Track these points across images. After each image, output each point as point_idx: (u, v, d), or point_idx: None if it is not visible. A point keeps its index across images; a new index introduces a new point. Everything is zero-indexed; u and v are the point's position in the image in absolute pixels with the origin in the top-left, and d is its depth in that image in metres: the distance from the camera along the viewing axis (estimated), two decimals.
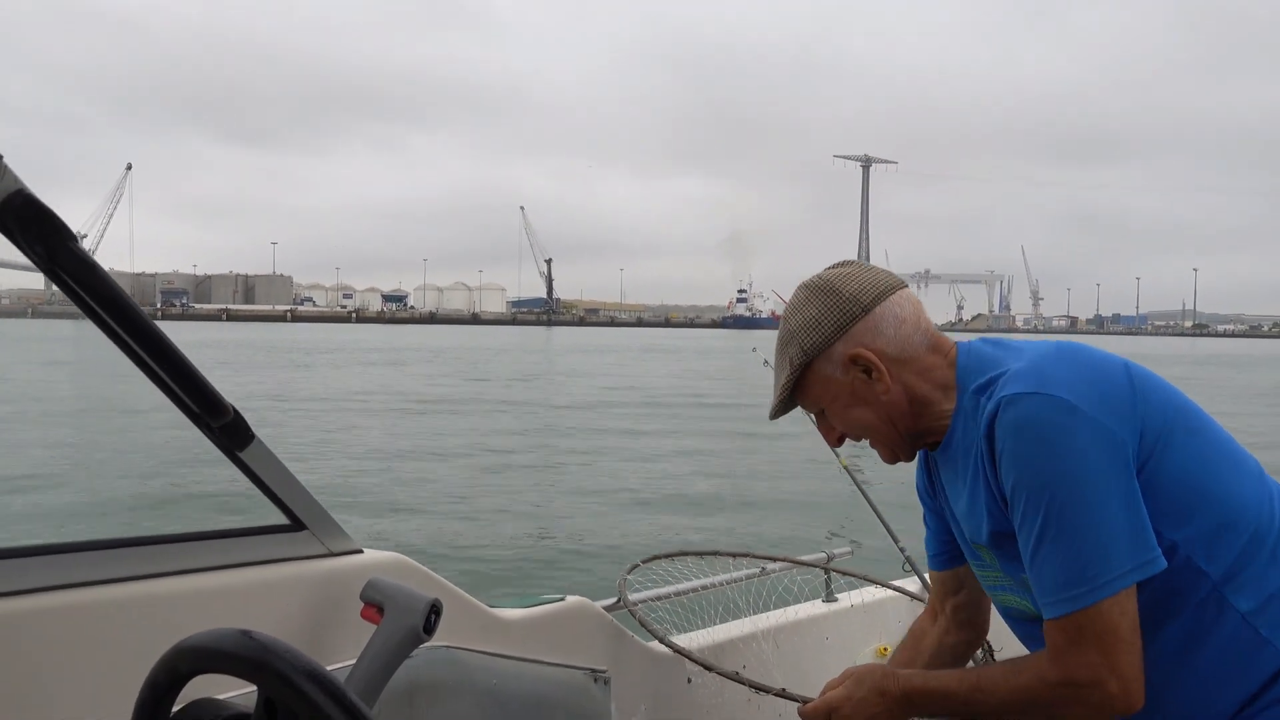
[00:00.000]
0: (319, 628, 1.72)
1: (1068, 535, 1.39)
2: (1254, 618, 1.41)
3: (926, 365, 1.60)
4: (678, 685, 2.52)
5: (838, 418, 1.66)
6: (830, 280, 1.63)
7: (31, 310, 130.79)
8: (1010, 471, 1.44)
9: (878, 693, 1.62)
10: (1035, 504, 1.41)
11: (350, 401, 24.37)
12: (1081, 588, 1.38)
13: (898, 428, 1.62)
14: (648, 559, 2.54)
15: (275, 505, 1.68)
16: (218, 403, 1.47)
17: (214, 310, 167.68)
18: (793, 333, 1.63)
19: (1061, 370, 1.46)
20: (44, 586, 1.42)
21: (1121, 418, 1.41)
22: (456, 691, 1.90)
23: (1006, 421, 1.43)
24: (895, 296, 1.61)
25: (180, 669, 1.14)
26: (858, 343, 1.59)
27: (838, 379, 1.61)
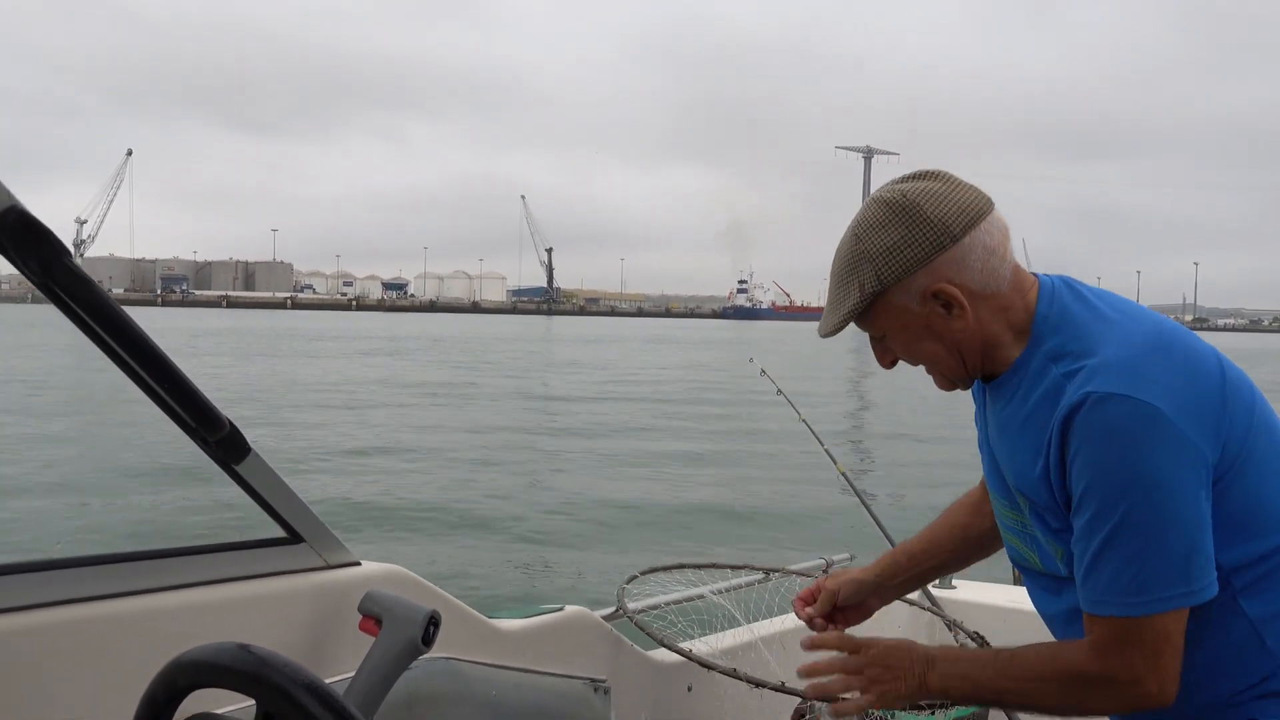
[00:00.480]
0: (317, 641, 1.71)
1: (1135, 545, 1.34)
2: (1261, 625, 1.40)
3: (1005, 303, 1.49)
4: (677, 694, 2.52)
5: (902, 347, 1.55)
6: (916, 201, 1.45)
7: (31, 295, 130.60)
8: (1085, 474, 1.37)
9: (906, 649, 1.58)
10: (1109, 511, 1.35)
11: (347, 397, 24.27)
12: (1140, 598, 1.35)
13: (965, 363, 1.53)
14: (647, 570, 2.54)
15: (272, 518, 1.68)
16: (213, 416, 1.46)
17: (214, 297, 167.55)
18: (868, 255, 1.47)
19: (1157, 368, 1.37)
20: (42, 603, 1.42)
21: (1207, 431, 1.36)
22: (456, 703, 1.90)
23: (1092, 423, 1.35)
24: (985, 222, 1.46)
25: (178, 683, 1.14)
26: (942, 276, 1.45)
27: (912, 310, 1.48)
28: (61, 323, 1.37)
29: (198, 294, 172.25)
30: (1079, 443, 1.37)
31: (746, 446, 18.05)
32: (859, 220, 1.51)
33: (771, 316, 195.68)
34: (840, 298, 1.53)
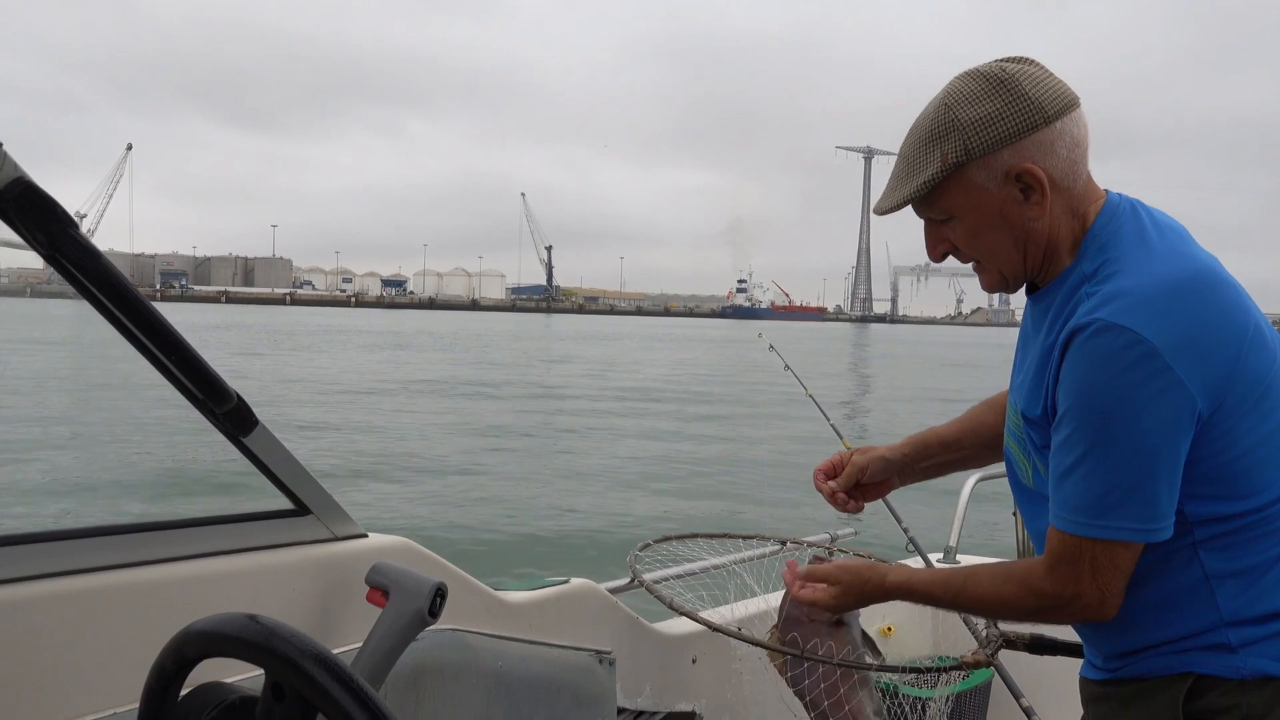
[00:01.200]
0: (325, 612, 1.72)
1: (1103, 470, 1.36)
2: (1215, 581, 1.41)
3: (1078, 203, 1.45)
4: (683, 665, 2.52)
5: (967, 233, 1.47)
6: (1014, 75, 1.40)
7: (30, 290, 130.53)
8: (1070, 395, 1.38)
9: (872, 563, 1.71)
10: (1084, 432, 1.36)
11: (354, 385, 24.31)
12: (1098, 520, 1.37)
13: (1026, 260, 1.48)
14: (659, 539, 2.53)
15: (280, 490, 1.68)
16: (221, 388, 1.46)
17: (213, 292, 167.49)
18: (957, 124, 1.41)
19: (1172, 306, 1.34)
20: (51, 572, 1.42)
21: (1206, 378, 1.33)
22: (462, 674, 1.90)
23: (1087, 348, 1.35)
24: (1075, 113, 1.42)
25: (187, 654, 1.14)
26: (1028, 156, 1.40)
27: (990, 191, 1.42)
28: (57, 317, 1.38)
29: (197, 289, 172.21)
30: (1071, 365, 1.38)
31: (749, 426, 18.10)
32: (949, 91, 1.44)
33: (771, 316, 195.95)
34: (915, 168, 1.45)
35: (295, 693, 1.06)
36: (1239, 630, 1.40)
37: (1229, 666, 1.40)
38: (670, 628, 2.54)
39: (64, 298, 73.08)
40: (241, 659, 1.08)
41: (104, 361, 25.06)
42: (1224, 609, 1.40)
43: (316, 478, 1.71)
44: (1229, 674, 1.40)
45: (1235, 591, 1.40)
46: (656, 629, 2.48)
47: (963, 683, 2.93)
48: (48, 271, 1.34)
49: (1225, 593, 1.40)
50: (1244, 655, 1.39)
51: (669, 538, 2.53)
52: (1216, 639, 1.41)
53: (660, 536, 2.51)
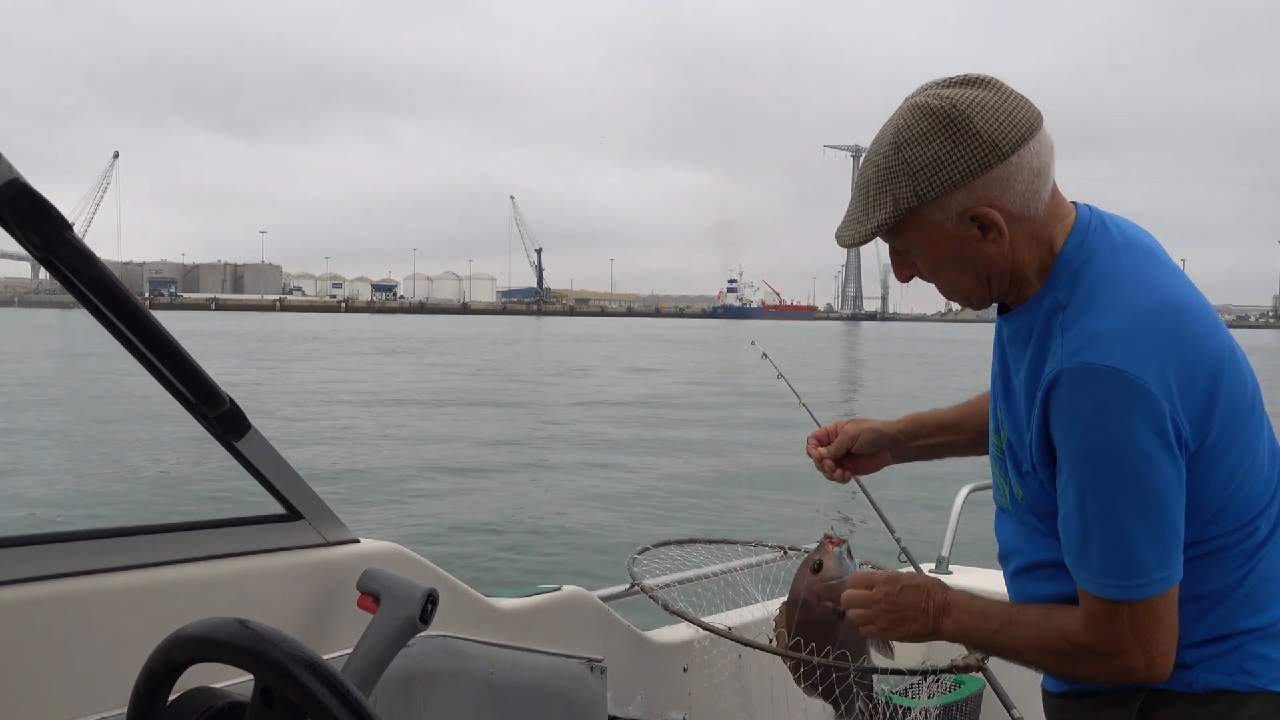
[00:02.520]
0: (316, 617, 1.71)
1: (1121, 525, 1.33)
2: (1185, 605, 1.39)
3: (1040, 230, 1.41)
4: (674, 674, 2.51)
5: (927, 265, 1.46)
6: (966, 112, 1.34)
7: (18, 299, 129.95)
8: (1069, 444, 1.35)
9: (925, 593, 1.57)
10: (1093, 486, 1.33)
11: (345, 392, 24.24)
12: (1128, 581, 1.34)
13: (990, 289, 1.46)
14: (658, 544, 2.52)
15: (272, 495, 1.68)
16: (214, 392, 1.46)
17: (202, 299, 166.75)
18: (907, 167, 1.36)
19: (1151, 339, 1.32)
20: (40, 575, 1.42)
21: (1192, 408, 1.32)
22: (453, 680, 1.90)
23: (1075, 393, 1.32)
24: (1034, 140, 1.36)
25: (176, 658, 1.14)
26: (983, 197, 1.36)
27: (946, 230, 1.39)
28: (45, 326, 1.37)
29: (186, 297, 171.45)
30: (1063, 413, 1.35)
31: (739, 432, 18.09)
32: (901, 127, 1.38)
33: (761, 316, 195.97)
34: (869, 208, 1.42)
35: (285, 698, 1.06)
36: (1194, 650, 1.41)
37: (1182, 681, 1.41)
38: (662, 636, 2.53)
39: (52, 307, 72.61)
40: (231, 664, 1.08)
41: (94, 364, 24.94)
42: (1183, 634, 1.40)
43: (309, 483, 1.71)
44: (1182, 688, 1.41)
45: (1195, 617, 1.40)
46: (648, 637, 2.47)
47: (954, 693, 2.92)
48: (35, 281, 1.34)
49: (1185, 618, 1.40)
50: (1197, 671, 1.41)
51: (667, 542, 2.52)
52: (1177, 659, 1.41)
53: (658, 541, 2.50)
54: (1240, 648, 1.40)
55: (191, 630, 1.12)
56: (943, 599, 1.56)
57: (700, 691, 2.52)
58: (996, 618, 1.52)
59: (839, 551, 1.79)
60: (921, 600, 1.56)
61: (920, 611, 1.56)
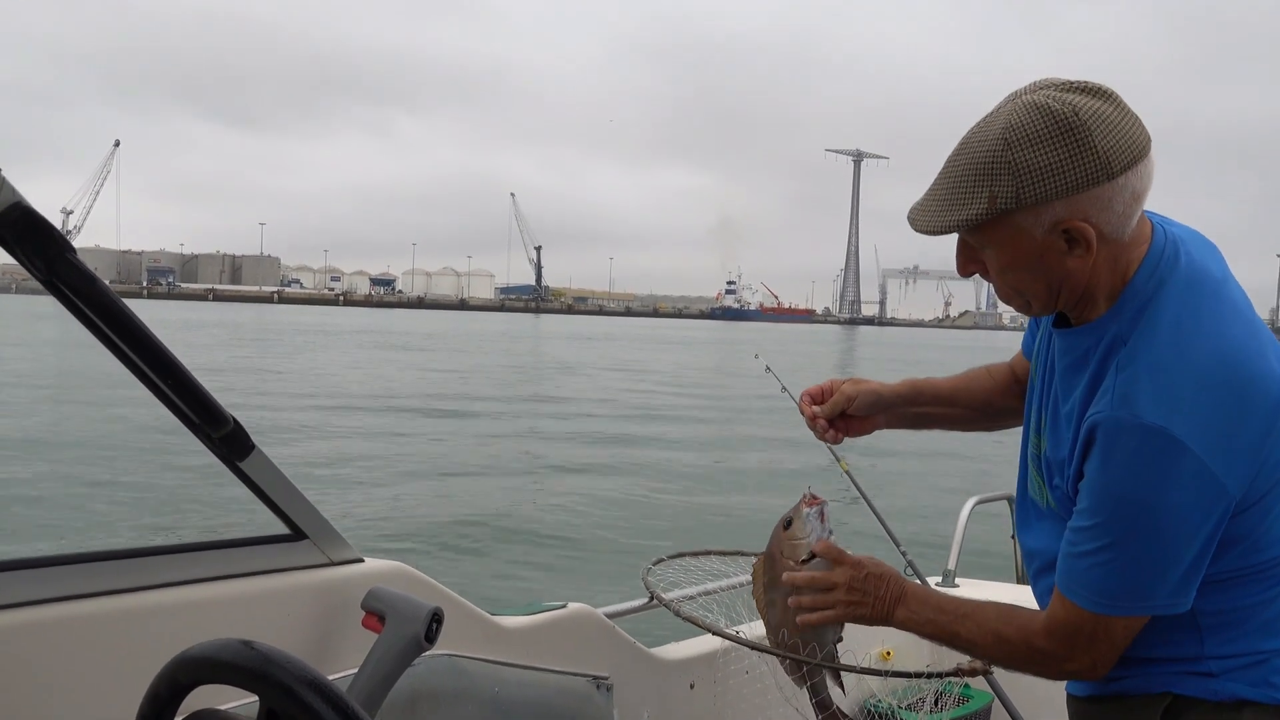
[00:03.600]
0: (321, 637, 1.71)
1: (1122, 561, 1.36)
2: (1202, 617, 1.42)
3: (1123, 253, 1.39)
4: (680, 691, 2.51)
5: (1000, 268, 1.42)
6: (1087, 123, 1.29)
7: (15, 286, 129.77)
8: (1098, 488, 1.37)
9: (884, 581, 1.61)
10: (1110, 526, 1.36)
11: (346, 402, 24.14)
12: (1106, 600, 1.39)
13: (1057, 300, 1.43)
14: (673, 555, 2.51)
15: (276, 515, 1.67)
16: (217, 413, 1.46)
17: (200, 290, 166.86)
18: (1013, 167, 1.31)
19: (1201, 399, 1.31)
20: (46, 599, 1.41)
21: (1239, 468, 1.31)
22: (459, 700, 1.89)
23: (1115, 443, 1.34)
24: (1142, 164, 1.33)
25: (181, 680, 1.14)
26: (1081, 212, 1.32)
27: (1034, 237, 1.34)
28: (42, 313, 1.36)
29: (184, 287, 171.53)
30: (1101, 460, 1.36)
31: (745, 444, 18.10)
32: (1014, 124, 1.32)
33: (759, 317, 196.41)
34: (960, 198, 1.35)
35: (290, 719, 1.05)
36: (1220, 661, 1.43)
37: (1206, 689, 1.43)
38: (668, 653, 2.52)
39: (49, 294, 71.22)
40: (236, 685, 1.08)
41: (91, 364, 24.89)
42: (1207, 645, 1.43)
43: (313, 502, 1.70)
44: (1206, 695, 1.43)
45: (1220, 630, 1.42)
46: (654, 654, 2.46)
47: (962, 707, 2.92)
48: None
49: (1210, 630, 1.42)
50: (1222, 680, 1.42)
51: (682, 554, 2.50)
52: (1195, 667, 1.44)
53: (674, 553, 2.49)
54: (1267, 661, 1.42)
55: (196, 652, 1.12)
56: (900, 589, 1.61)
57: (707, 708, 2.50)
58: (953, 610, 1.58)
59: (809, 512, 1.73)
60: (882, 588, 1.60)
61: (878, 599, 1.60)
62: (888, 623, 1.61)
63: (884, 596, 1.60)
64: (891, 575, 1.62)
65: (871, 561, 1.64)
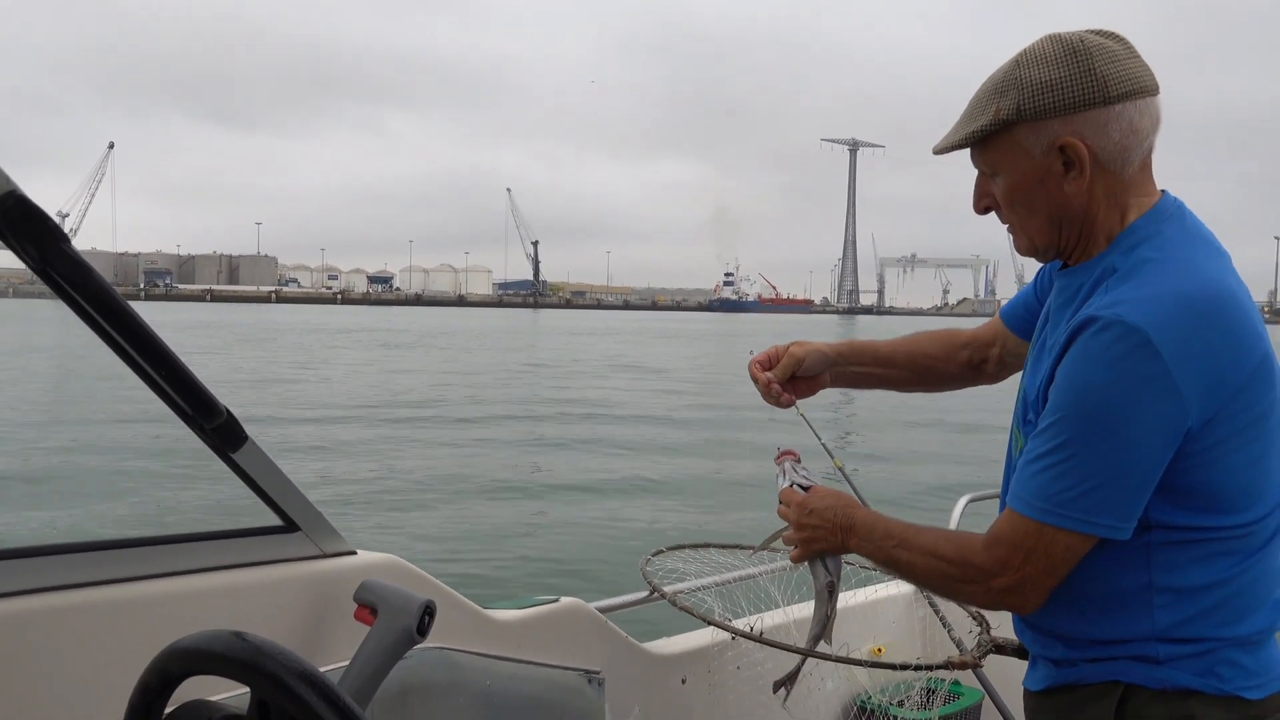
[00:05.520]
0: (312, 629, 1.71)
1: (1080, 464, 1.35)
2: (1157, 593, 1.42)
3: (1123, 189, 1.44)
4: (672, 686, 2.50)
5: (1006, 194, 1.49)
6: (1092, 49, 1.40)
7: (12, 290, 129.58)
8: (1064, 384, 1.38)
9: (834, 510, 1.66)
10: (1067, 424, 1.36)
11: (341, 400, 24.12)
12: (1056, 508, 1.37)
13: (1061, 234, 1.48)
14: (672, 547, 2.50)
15: (268, 507, 1.67)
16: (211, 404, 1.46)
17: (198, 291, 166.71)
18: (1019, 82, 1.42)
19: (1186, 319, 1.33)
20: (34, 588, 1.41)
21: (1204, 396, 1.32)
22: (450, 693, 1.89)
23: (1091, 341, 1.35)
24: (1145, 101, 1.41)
25: (172, 671, 1.14)
26: (1076, 131, 1.40)
27: (1033, 157, 1.43)
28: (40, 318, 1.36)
29: (181, 288, 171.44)
30: (1072, 356, 1.37)
31: (737, 436, 18.07)
32: (1027, 49, 1.46)
33: (757, 309, 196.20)
34: (972, 116, 1.47)
35: (281, 711, 1.06)
36: (1167, 646, 1.42)
37: (1152, 678, 1.43)
38: (660, 648, 2.51)
39: (47, 298, 71.72)
40: (227, 676, 1.08)
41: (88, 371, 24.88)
42: (1158, 622, 1.42)
43: (305, 494, 1.70)
44: (1152, 684, 1.43)
45: (1172, 607, 1.41)
46: (646, 649, 2.46)
47: (952, 704, 2.92)
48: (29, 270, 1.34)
49: (1163, 606, 1.42)
50: (1167, 669, 1.42)
51: (681, 546, 2.50)
52: (1144, 650, 1.43)
53: (673, 545, 2.48)
54: (1215, 652, 1.42)
55: (187, 643, 1.12)
56: (848, 518, 1.64)
57: (698, 703, 2.51)
58: (899, 534, 1.58)
59: (779, 467, 1.79)
60: (826, 521, 1.66)
61: (828, 529, 1.66)
62: (847, 550, 1.67)
63: (832, 525, 1.65)
64: (837, 505, 1.66)
65: (819, 494, 1.70)
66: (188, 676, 1.13)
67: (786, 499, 1.74)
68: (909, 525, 1.60)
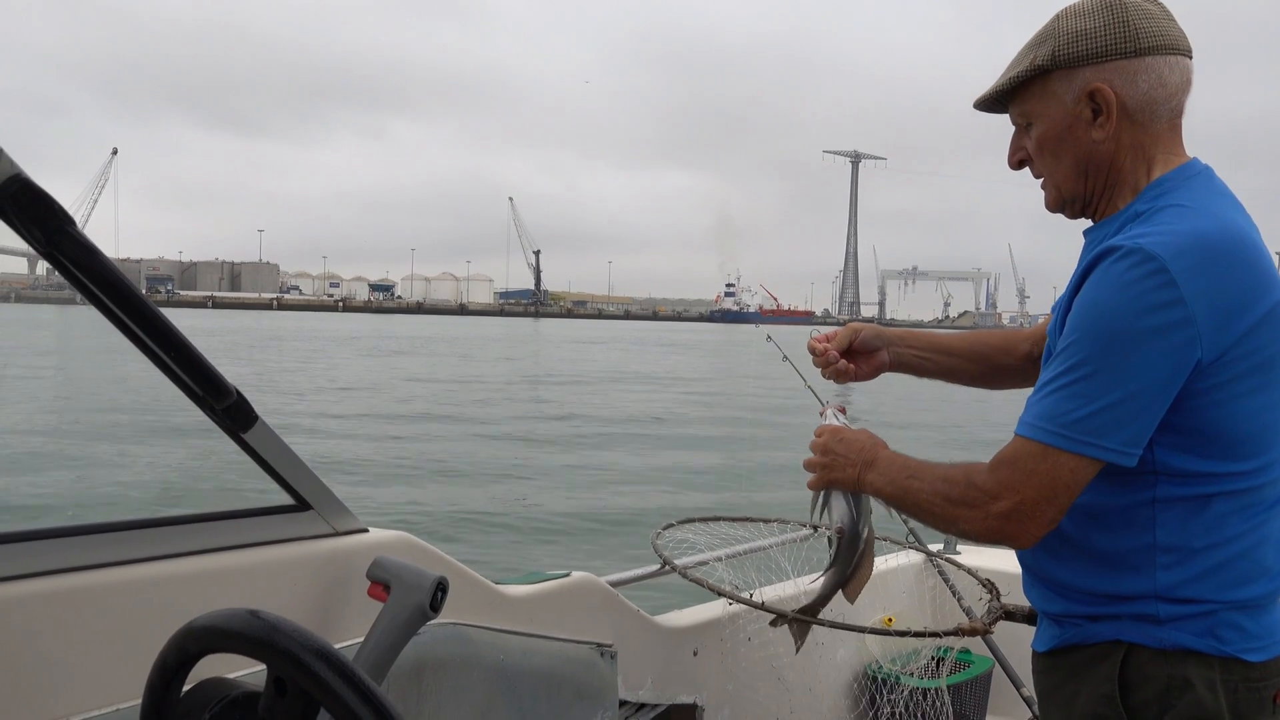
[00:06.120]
0: (326, 607, 1.71)
1: (1089, 387, 1.36)
2: (1161, 552, 1.43)
3: (1151, 143, 1.49)
4: (684, 658, 2.52)
5: (1038, 142, 1.55)
6: (1128, 4, 1.47)
7: (15, 295, 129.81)
8: (1081, 309, 1.39)
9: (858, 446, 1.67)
10: (1080, 346, 1.37)
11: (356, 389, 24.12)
12: (1062, 429, 1.37)
13: (1088, 182, 1.53)
14: (683, 520, 2.50)
15: (280, 486, 1.68)
16: (221, 384, 1.46)
17: (199, 297, 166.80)
18: (1056, 32, 1.49)
19: (1205, 253, 1.35)
20: (53, 569, 1.42)
21: (1218, 329, 1.34)
22: (464, 668, 1.90)
23: (1110, 267, 1.37)
24: (1175, 59, 1.46)
25: (189, 649, 1.15)
26: (1107, 78, 1.46)
27: (1064, 103, 1.49)
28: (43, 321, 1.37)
29: (183, 294, 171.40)
30: (1091, 283, 1.39)
31: (751, 430, 18.05)
32: (1069, 5, 1.52)
33: (758, 320, 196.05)
34: (1013, 66, 1.54)
35: (298, 687, 1.07)
36: (1167, 605, 1.43)
37: (1152, 637, 1.44)
38: (671, 620, 2.52)
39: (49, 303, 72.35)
40: (244, 654, 1.08)
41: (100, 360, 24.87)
42: (1160, 581, 1.43)
43: (316, 473, 1.71)
44: (1153, 644, 1.44)
45: (1175, 568, 1.43)
46: (657, 622, 2.47)
47: (963, 673, 2.93)
48: (32, 276, 1.34)
49: (1165, 565, 1.43)
50: (1168, 629, 1.44)
51: (691, 519, 2.50)
52: (1145, 609, 1.44)
53: (683, 519, 2.49)
54: (1215, 614, 1.43)
55: (204, 621, 1.13)
56: (872, 454, 1.66)
57: (710, 675, 2.51)
58: (915, 467, 1.59)
59: (829, 411, 1.85)
60: (852, 452, 1.68)
61: (849, 462, 1.68)
62: (860, 487, 1.67)
63: (854, 460, 1.67)
64: (865, 442, 1.68)
65: (851, 430, 1.73)
66: (205, 654, 1.14)
67: (821, 429, 1.76)
68: (931, 461, 1.60)
